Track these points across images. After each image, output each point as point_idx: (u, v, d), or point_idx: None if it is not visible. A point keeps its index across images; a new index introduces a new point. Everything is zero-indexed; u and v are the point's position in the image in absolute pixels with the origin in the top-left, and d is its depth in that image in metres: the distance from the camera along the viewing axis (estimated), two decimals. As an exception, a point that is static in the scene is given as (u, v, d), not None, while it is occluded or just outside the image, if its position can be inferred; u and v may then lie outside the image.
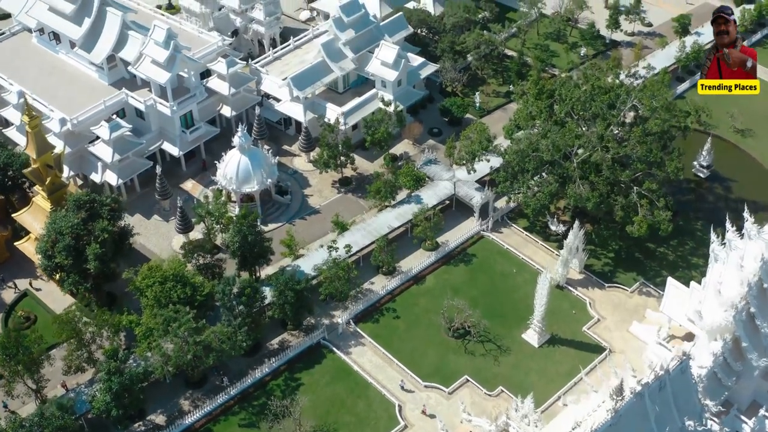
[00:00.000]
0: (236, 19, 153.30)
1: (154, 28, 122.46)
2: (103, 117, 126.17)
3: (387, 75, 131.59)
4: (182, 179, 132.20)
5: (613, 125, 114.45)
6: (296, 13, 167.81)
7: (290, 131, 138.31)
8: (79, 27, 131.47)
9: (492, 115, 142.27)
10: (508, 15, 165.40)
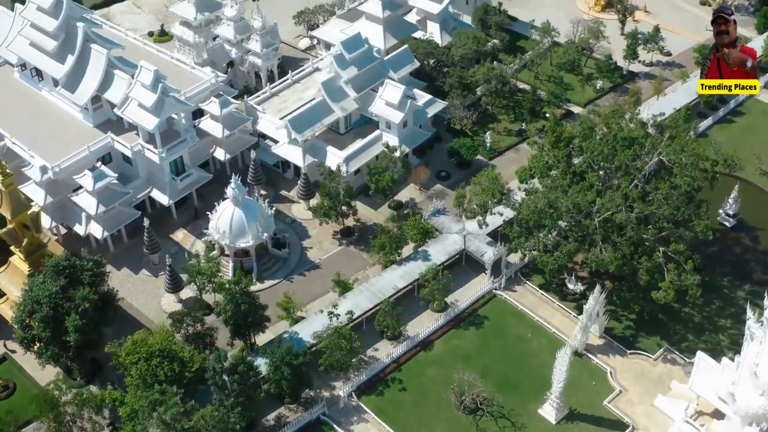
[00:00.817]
0: (231, 50, 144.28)
1: (141, 70, 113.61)
2: (87, 164, 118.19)
3: (392, 116, 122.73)
4: (172, 228, 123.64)
5: (636, 179, 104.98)
6: (296, 40, 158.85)
7: (288, 174, 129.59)
8: (61, 65, 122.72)
9: (503, 156, 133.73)
10: (519, 43, 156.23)
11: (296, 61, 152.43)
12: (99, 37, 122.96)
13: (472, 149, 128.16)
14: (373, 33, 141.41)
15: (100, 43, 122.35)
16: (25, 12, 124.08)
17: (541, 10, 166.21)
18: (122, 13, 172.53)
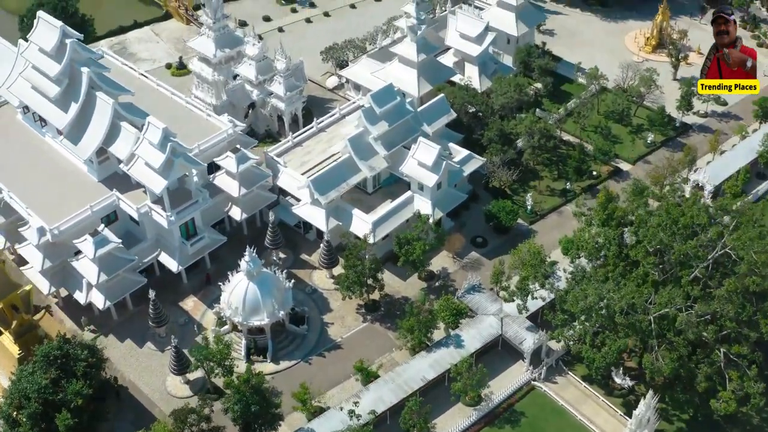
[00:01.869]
0: (253, 91, 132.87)
1: (149, 126, 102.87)
2: (90, 225, 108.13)
3: (425, 179, 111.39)
4: (182, 295, 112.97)
5: (697, 270, 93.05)
6: (323, 78, 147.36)
7: (310, 236, 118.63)
8: (64, 113, 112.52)
9: (546, 220, 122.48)
10: (564, 87, 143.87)
11: (323, 102, 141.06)
12: (106, 81, 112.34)
13: (512, 214, 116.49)
14: (407, 78, 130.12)
15: (106, 89, 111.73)
16: (27, 53, 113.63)
17: (587, 49, 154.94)
18: (139, 41, 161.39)
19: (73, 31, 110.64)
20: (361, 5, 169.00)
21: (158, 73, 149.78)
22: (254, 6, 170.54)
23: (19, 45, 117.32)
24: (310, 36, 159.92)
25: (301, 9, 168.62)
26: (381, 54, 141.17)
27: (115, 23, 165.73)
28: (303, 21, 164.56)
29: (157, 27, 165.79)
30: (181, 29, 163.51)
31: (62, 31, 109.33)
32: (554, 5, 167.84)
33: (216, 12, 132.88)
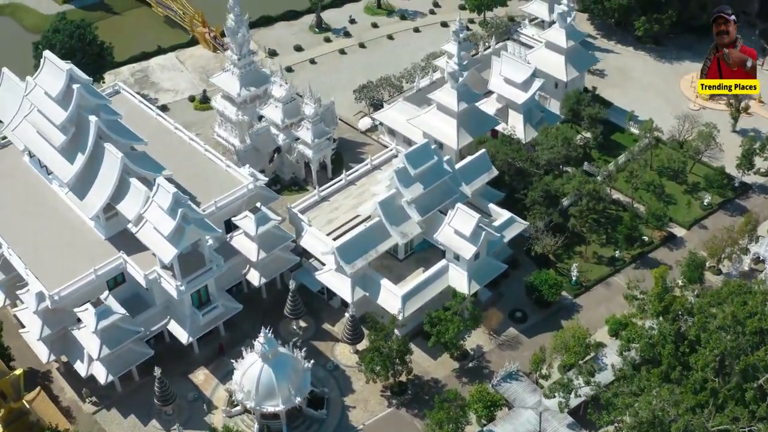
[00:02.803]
0: (278, 134, 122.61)
1: (158, 189, 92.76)
2: (94, 289, 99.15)
3: (462, 250, 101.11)
4: (192, 366, 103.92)
5: (763, 382, 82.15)
6: (355, 118, 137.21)
7: (335, 302, 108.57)
8: (70, 164, 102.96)
9: (592, 293, 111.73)
10: (614, 136, 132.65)
11: (354, 146, 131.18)
12: (117, 130, 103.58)
13: (555, 288, 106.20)
14: (445, 128, 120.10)
15: (116, 139, 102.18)
16: (32, 95, 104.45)
17: (640, 92, 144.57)
18: (162, 68, 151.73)
19: (82, 74, 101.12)
20: (398, 36, 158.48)
21: (180, 105, 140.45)
22: (286, 33, 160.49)
23: (26, 83, 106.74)
24: (343, 69, 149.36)
25: (336, 38, 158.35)
26: (418, 96, 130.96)
27: (138, 48, 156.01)
28: (337, 52, 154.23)
29: (182, 54, 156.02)
30: (208, 57, 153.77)
31: (69, 75, 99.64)
32: (605, 42, 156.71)
33: (242, 47, 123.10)
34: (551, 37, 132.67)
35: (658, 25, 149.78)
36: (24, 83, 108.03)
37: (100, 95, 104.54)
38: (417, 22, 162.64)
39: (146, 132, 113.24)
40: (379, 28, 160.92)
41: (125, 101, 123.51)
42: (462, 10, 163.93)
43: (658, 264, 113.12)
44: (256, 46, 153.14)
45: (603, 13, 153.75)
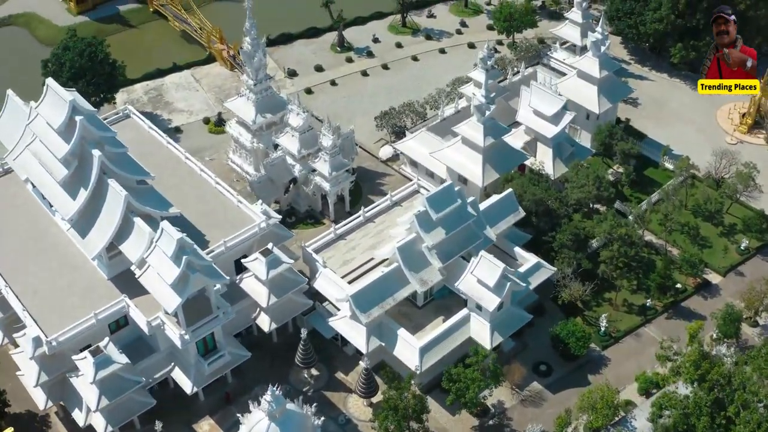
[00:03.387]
0: (295, 165, 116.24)
1: (162, 233, 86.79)
2: (94, 333, 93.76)
3: (485, 301, 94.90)
4: (197, 416, 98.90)
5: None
6: (376, 146, 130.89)
7: (348, 350, 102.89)
8: (72, 200, 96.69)
9: (621, 345, 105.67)
10: (647, 172, 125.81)
11: (374, 177, 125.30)
12: (122, 164, 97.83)
13: (582, 341, 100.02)
14: (470, 164, 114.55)
15: (121, 174, 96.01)
16: (33, 124, 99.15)
17: (674, 123, 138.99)
18: (177, 87, 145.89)
19: (85, 105, 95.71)
20: (423, 57, 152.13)
21: (194, 128, 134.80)
22: (306, 51, 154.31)
23: (30, 109, 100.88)
24: (365, 92, 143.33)
25: (358, 59, 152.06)
26: (443, 126, 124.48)
27: (153, 64, 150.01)
28: (359, 73, 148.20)
29: (198, 71, 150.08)
30: (225, 76, 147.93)
31: (72, 106, 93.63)
32: (639, 68, 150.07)
33: (258, 72, 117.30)
34: (584, 66, 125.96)
35: (694, 52, 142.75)
36: (28, 107, 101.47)
37: (104, 127, 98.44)
38: (443, 42, 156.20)
39: (155, 161, 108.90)
40: (403, 48, 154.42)
41: (135, 127, 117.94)
42: (490, 31, 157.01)
43: (692, 314, 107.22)
44: (275, 65, 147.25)
45: (637, 37, 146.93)
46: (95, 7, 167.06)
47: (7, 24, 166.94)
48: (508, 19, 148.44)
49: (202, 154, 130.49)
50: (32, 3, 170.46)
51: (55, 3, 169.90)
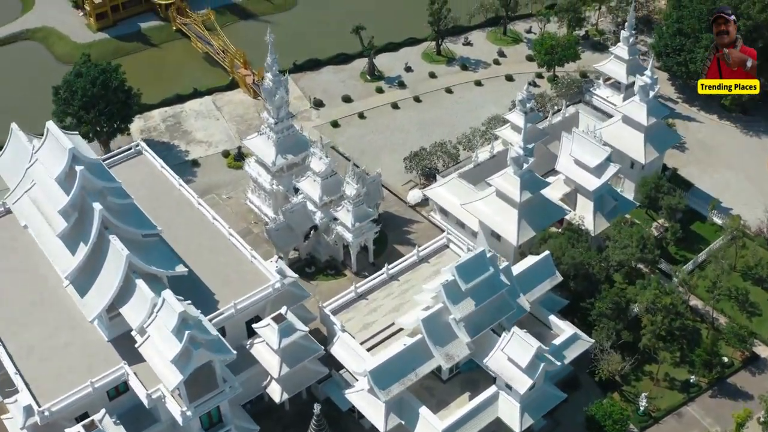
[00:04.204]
0: (316, 212, 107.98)
1: (164, 305, 79.24)
2: (91, 402, 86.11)
3: (515, 381, 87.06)
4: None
5: None
6: (404, 188, 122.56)
7: (365, 423, 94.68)
8: (71, 255, 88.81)
9: (661, 426, 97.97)
10: (694, 225, 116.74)
11: (401, 223, 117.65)
12: (126, 218, 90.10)
13: (620, 424, 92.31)
14: (505, 218, 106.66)
15: (124, 229, 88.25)
16: (33, 170, 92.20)
17: (723, 171, 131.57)
18: (197, 115, 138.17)
19: (87, 151, 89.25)
20: (458, 89, 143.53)
21: (213, 161, 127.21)
22: (334, 80, 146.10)
23: (31, 149, 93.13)
24: (395, 126, 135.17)
25: (389, 89, 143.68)
26: (476, 172, 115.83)
27: (173, 87, 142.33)
28: (389, 105, 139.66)
29: (220, 98, 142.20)
30: (247, 104, 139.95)
31: (71, 155, 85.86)
32: (686, 108, 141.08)
33: (279, 111, 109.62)
34: (630, 111, 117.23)
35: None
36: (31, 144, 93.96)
37: (108, 176, 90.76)
38: (479, 73, 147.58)
39: (166, 205, 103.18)
40: (437, 78, 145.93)
41: (146, 165, 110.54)
42: (529, 62, 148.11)
43: (739, 393, 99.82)
44: (301, 94, 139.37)
45: (686, 75, 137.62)
46: (116, 24, 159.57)
47: (24, 38, 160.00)
48: (550, 52, 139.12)
49: (219, 191, 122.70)
50: (51, 17, 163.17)
51: (75, 17, 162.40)
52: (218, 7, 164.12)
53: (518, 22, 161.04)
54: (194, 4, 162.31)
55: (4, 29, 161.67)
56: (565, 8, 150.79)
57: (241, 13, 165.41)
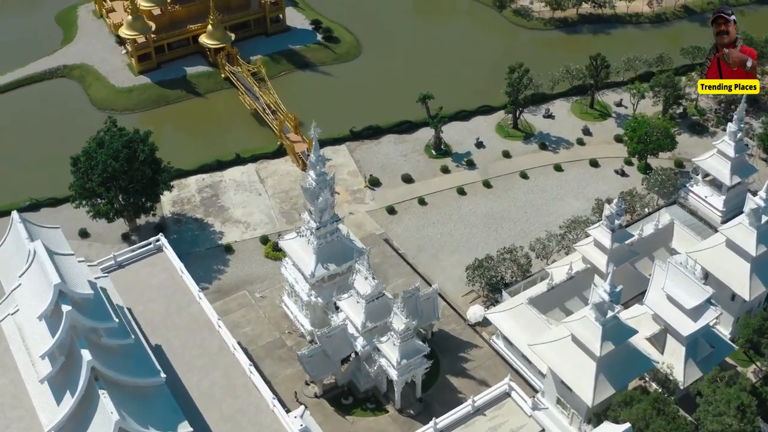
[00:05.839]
0: (358, 338, 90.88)
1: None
2: None
3: None
4: None
5: None
6: (464, 300, 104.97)
7: None
8: (56, 405, 74.15)
9: None
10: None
11: (458, 347, 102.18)
12: (122, 364, 76.07)
13: None
14: (579, 370, 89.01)
15: (119, 380, 71.07)
16: (17, 294, 78.72)
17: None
18: (237, 186, 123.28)
19: (77, 287, 73.88)
20: (535, 174, 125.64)
21: (249, 247, 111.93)
22: (395, 153, 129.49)
23: (32, 250, 78.01)
24: (459, 217, 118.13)
25: (456, 168, 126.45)
26: (550, 297, 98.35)
27: (214, 148, 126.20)
28: (454, 190, 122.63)
29: (265, 167, 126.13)
30: (294, 177, 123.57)
31: (57, 292, 70.21)
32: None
33: (323, 214, 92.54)
34: (735, 236, 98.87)
35: None
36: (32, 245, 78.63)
37: (102, 313, 76.07)
38: (560, 155, 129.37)
39: (180, 324, 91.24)
40: (511, 159, 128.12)
41: (165, 266, 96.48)
42: (617, 143, 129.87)
43: None
44: (355, 169, 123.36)
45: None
46: (159, 66, 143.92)
47: (60, 75, 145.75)
48: (643, 140, 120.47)
49: (253, 287, 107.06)
50: (92, 51, 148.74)
51: (117, 55, 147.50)
52: (273, 53, 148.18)
53: (607, 92, 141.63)
54: (247, 50, 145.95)
55: (42, 62, 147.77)
56: (662, 83, 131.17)
57: (298, 61, 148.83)
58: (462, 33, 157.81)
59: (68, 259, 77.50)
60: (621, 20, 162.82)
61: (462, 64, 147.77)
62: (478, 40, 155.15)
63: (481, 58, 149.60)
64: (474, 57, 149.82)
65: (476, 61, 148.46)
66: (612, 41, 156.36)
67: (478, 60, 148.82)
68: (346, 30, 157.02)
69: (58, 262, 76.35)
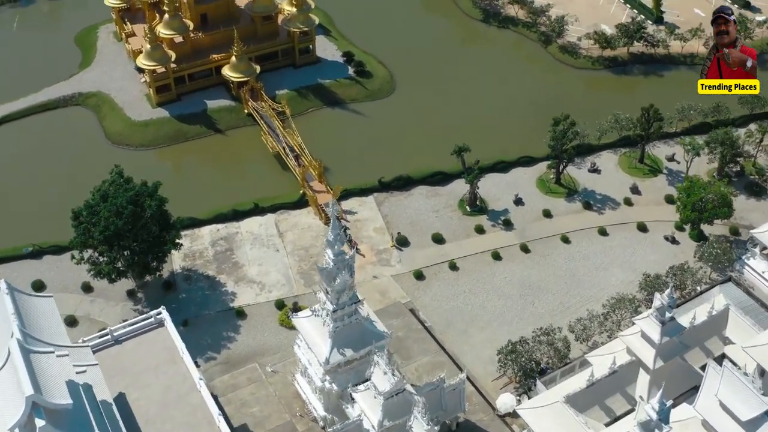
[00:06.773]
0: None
1: None
2: None
3: None
4: None
5: None
6: (495, 385, 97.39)
7: None
8: None
9: None
10: None
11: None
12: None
13: None
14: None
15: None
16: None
17: None
18: (254, 240, 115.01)
19: (55, 395, 65.42)
20: (577, 238, 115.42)
21: (263, 312, 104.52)
22: (426, 207, 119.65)
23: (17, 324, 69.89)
24: (492, 285, 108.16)
25: (491, 228, 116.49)
26: (590, 394, 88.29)
27: (231, 196, 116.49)
28: (489, 254, 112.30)
29: (285, 218, 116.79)
30: (316, 232, 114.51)
31: (30, 403, 60.92)
32: None
33: (340, 296, 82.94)
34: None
35: None
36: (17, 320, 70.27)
37: (82, 427, 64.57)
38: (605, 216, 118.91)
39: (177, 416, 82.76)
40: (552, 219, 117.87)
41: (165, 344, 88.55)
42: (668, 204, 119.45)
43: None
44: (382, 225, 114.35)
45: None
46: (179, 98, 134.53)
47: (75, 103, 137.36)
48: (698, 208, 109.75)
49: (264, 359, 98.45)
50: (109, 78, 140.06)
51: (135, 84, 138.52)
52: (301, 87, 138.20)
53: (659, 144, 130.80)
54: (273, 83, 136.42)
55: (57, 88, 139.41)
56: (719, 140, 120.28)
57: (327, 97, 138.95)
58: (504, 69, 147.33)
59: (47, 358, 68.40)
60: (675, 61, 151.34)
61: (503, 105, 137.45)
62: (521, 78, 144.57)
63: (523, 97, 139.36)
64: (516, 96, 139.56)
65: (518, 102, 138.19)
66: (664, 83, 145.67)
67: (520, 100, 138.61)
68: (380, 63, 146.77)
69: (36, 363, 67.31)
